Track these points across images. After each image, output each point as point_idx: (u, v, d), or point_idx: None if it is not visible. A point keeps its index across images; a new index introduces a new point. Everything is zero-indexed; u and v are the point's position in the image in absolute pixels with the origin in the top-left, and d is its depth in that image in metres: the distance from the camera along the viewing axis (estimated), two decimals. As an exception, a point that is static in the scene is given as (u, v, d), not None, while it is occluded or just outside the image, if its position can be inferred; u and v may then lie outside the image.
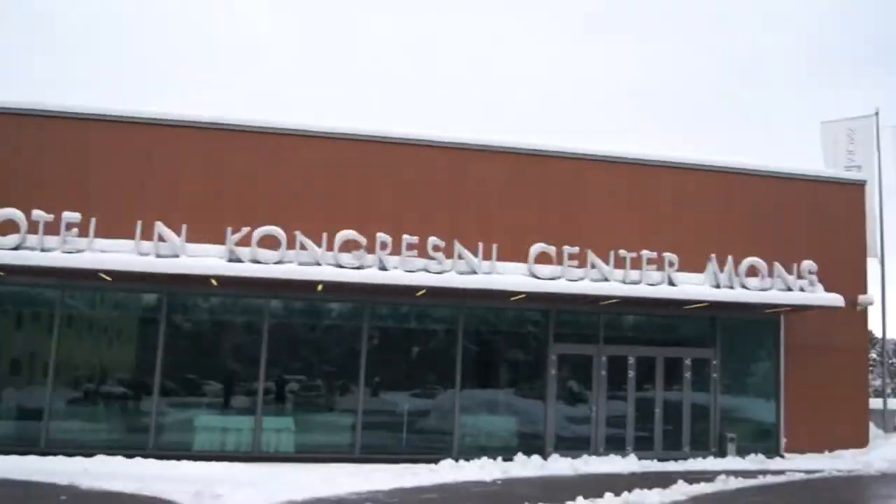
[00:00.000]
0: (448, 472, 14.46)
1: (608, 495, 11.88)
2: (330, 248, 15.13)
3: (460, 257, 15.75)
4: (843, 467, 16.84)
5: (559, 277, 16.27)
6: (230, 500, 10.92)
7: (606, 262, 16.61)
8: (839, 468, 16.71)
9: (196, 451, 15.34)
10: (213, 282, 15.04)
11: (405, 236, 15.52)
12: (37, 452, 14.43)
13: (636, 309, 18.09)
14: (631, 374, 17.97)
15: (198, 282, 15.06)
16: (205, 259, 14.60)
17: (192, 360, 16.17)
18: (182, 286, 15.52)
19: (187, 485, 11.62)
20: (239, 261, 14.64)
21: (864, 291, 20.20)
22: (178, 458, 14.38)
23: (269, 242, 14.90)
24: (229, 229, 14.77)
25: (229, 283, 15.23)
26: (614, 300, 16.91)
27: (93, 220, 14.45)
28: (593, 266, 16.51)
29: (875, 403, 21.28)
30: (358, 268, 15.14)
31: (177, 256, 14.50)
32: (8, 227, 14.26)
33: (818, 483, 15.13)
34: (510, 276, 16.02)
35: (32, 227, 14.29)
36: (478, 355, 17.62)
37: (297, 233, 15.04)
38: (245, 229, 14.81)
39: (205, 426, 15.64)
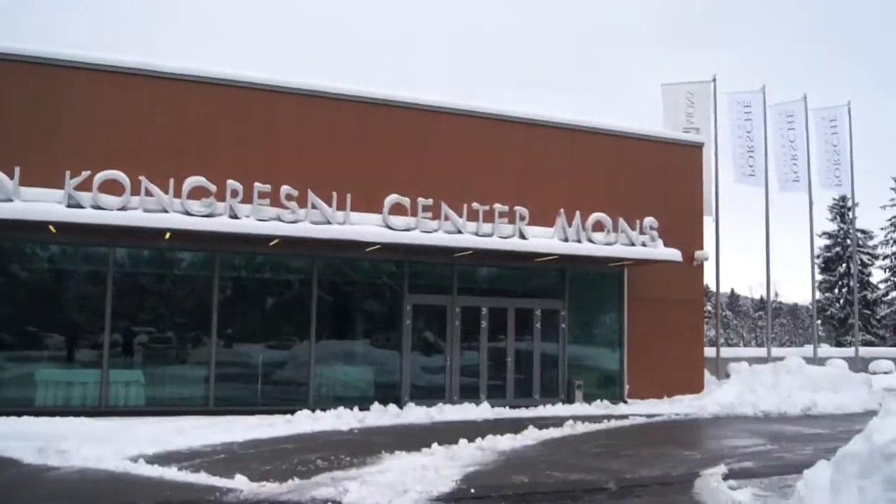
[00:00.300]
0: (305, 422, 14.42)
1: (462, 441, 12.20)
2: (177, 194, 14.62)
3: (314, 207, 15.65)
4: (681, 411, 17.93)
5: (413, 229, 16.45)
6: (77, 455, 10.43)
7: (460, 214, 16.92)
8: (677, 412, 17.79)
9: (38, 406, 14.56)
10: (52, 228, 14.28)
11: (256, 184, 15.23)
12: None
13: (489, 261, 18.57)
14: (484, 324, 18.44)
15: (35, 228, 14.23)
16: (42, 204, 13.81)
17: (31, 312, 15.28)
18: (18, 233, 14.54)
19: (30, 441, 11.03)
20: (79, 206, 13.91)
21: (701, 247, 21.56)
22: (19, 415, 13.56)
23: (112, 188, 14.23)
24: (68, 173, 13.96)
25: (69, 230, 14.43)
26: (468, 252, 17.29)
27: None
28: (447, 218, 16.77)
29: (709, 352, 22.76)
30: (208, 216, 14.74)
31: (10, 201, 13.61)
32: None
33: (658, 426, 16.06)
34: (365, 227, 16.06)
35: None
36: (333, 306, 17.62)
37: (142, 178, 14.40)
38: (85, 173, 14.04)
39: (47, 381, 14.87)
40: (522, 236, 17.46)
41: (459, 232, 16.85)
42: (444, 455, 11.32)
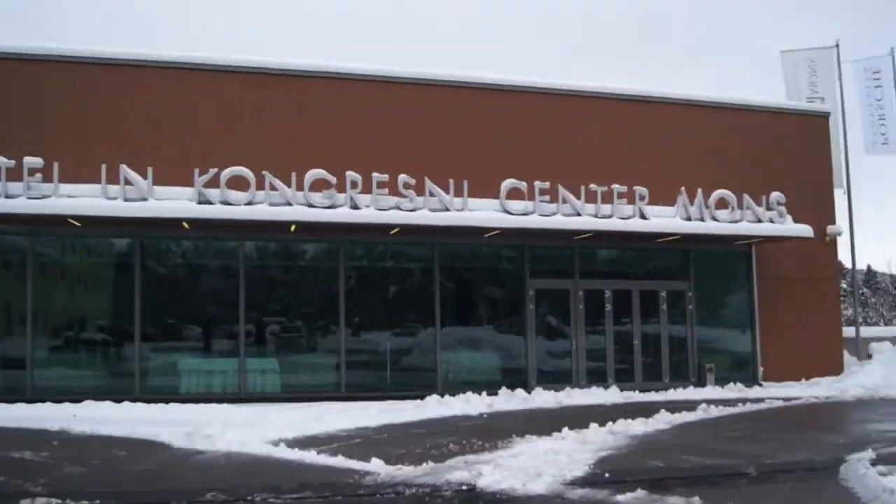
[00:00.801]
0: (434, 407, 14.56)
1: (593, 426, 11.98)
2: (300, 187, 15.00)
3: (431, 194, 15.75)
4: (820, 394, 17.13)
5: (532, 213, 16.32)
6: (222, 440, 10.87)
7: (578, 196, 16.66)
8: (816, 395, 17.00)
9: (182, 394, 15.36)
10: (185, 225, 14.95)
11: (375, 174, 15.42)
12: (24, 401, 14.13)
13: (610, 243, 18.29)
14: (608, 307, 18.17)
15: (169, 225, 14.95)
16: (175, 202, 14.44)
17: (170, 304, 16.15)
18: (154, 230, 15.35)
19: (177, 427, 11.61)
20: (209, 203, 14.49)
21: (833, 222, 20.55)
22: (166, 402, 14.30)
23: (238, 184, 14.73)
24: (196, 170, 14.53)
25: (201, 226, 15.13)
26: (588, 234, 17.04)
27: (56, 165, 14.09)
28: (565, 201, 16.56)
29: (848, 332, 21.63)
30: (329, 207, 15.07)
31: (145, 200, 14.31)
32: (-32, 173, 13.91)
33: (797, 409, 15.42)
34: (483, 213, 16.06)
35: (-7, 174, 13.95)
36: (455, 293, 17.74)
37: (266, 173, 14.84)
38: (213, 170, 14.57)
39: (189, 369, 15.70)
40: (643, 216, 17.06)
41: (578, 214, 16.60)
42: (576, 439, 11.18)
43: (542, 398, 15.67)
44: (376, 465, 9.35)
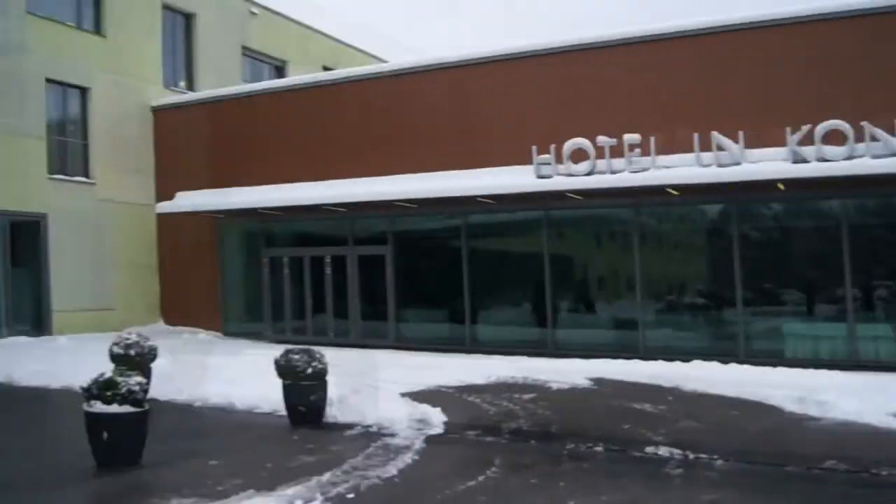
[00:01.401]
0: None
1: None
2: (903, 137, 13.27)
3: None
4: None
5: None
6: (837, 407, 10.31)
7: None
8: None
9: (788, 358, 14.99)
10: (780, 186, 14.54)
11: None
12: (638, 358, 15.52)
13: None
14: None
15: (763, 188, 14.66)
16: (768, 163, 14.10)
17: (766, 268, 15.94)
18: (746, 193, 15.17)
19: (785, 390, 11.46)
20: (804, 161, 13.82)
21: None
22: (772, 366, 14.16)
23: (833, 138, 13.72)
24: (788, 129, 13.94)
25: (795, 186, 14.49)
26: None
27: (651, 139, 14.92)
28: None
29: None
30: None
31: (738, 164, 14.28)
32: (578, 155, 15.54)
33: None
34: None
35: (599, 153, 15.35)
36: None
37: (865, 123, 13.46)
38: (805, 127, 13.84)
39: (794, 334, 15.31)
40: None
41: None
42: None
43: None
44: None
